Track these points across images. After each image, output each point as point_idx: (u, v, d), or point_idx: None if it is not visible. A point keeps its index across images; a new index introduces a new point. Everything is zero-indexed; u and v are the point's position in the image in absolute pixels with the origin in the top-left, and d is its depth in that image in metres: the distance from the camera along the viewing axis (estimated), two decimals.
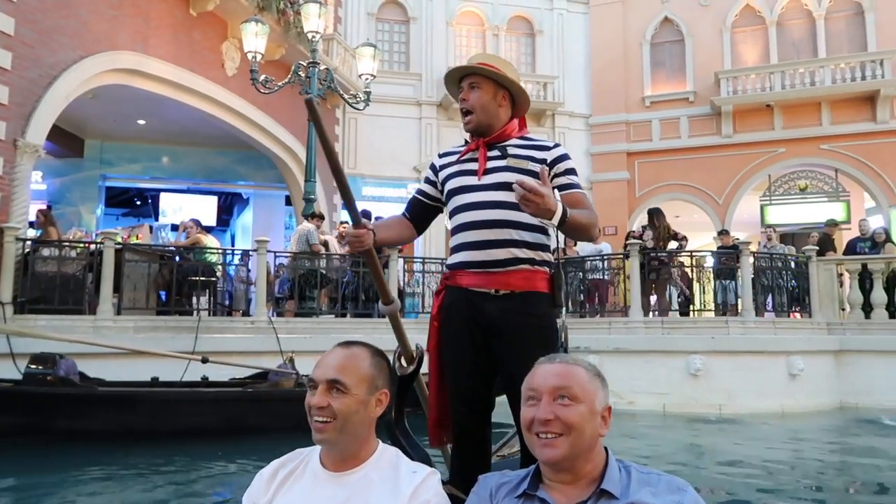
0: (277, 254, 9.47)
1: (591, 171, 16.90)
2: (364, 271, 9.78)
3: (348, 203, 2.04)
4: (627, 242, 9.78)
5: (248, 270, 9.64)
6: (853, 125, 15.15)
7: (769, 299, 9.77)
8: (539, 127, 16.72)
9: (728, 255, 9.46)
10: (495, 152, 2.23)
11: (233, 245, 16.89)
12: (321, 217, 9.98)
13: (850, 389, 9.08)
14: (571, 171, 2.23)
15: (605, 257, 9.94)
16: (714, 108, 15.95)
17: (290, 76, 10.08)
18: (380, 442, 1.64)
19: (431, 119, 16.28)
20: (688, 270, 9.77)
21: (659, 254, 9.52)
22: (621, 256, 9.72)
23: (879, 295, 9.27)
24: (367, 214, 10.55)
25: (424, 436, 2.34)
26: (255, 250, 9.16)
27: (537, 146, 2.24)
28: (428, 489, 1.51)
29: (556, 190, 2.12)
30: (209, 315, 8.88)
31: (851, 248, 10.74)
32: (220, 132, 12.76)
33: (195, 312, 8.66)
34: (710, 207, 16.04)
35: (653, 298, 9.75)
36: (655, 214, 9.98)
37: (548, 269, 2.22)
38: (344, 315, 9.69)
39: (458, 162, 2.31)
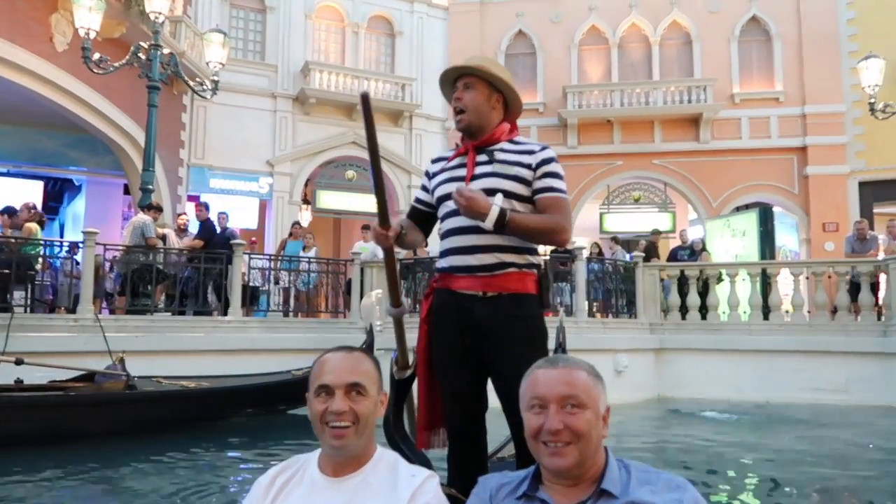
0: (108, 246, 8.81)
1: None
2: (206, 267, 9.38)
3: (380, 200, 2.03)
4: None
5: (77, 264, 8.91)
6: (680, 143, 16.67)
7: (612, 300, 10.46)
8: (396, 127, 16.87)
9: (562, 260, 10.02)
10: (483, 157, 2.24)
11: (62, 235, 15.50)
12: (159, 209, 9.43)
13: (667, 384, 9.97)
14: (553, 175, 2.21)
15: None
16: (561, 120, 16.88)
17: (128, 57, 9.42)
18: (378, 446, 1.62)
19: (287, 112, 15.88)
20: None
21: None
22: None
23: (694, 298, 10.26)
24: (203, 207, 10.10)
25: None
26: (83, 242, 8.48)
27: (526, 150, 2.24)
28: (427, 492, 1.50)
29: (536, 192, 2.19)
30: (25, 312, 8.09)
31: (673, 256, 11.82)
32: (48, 112, 11.64)
33: (9, 309, 7.86)
34: None
35: None
36: None
37: (535, 271, 2.23)
38: (182, 312, 9.21)
39: (448, 168, 2.32)
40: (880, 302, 9.78)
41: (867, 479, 5.19)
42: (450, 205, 2.22)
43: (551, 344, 2.55)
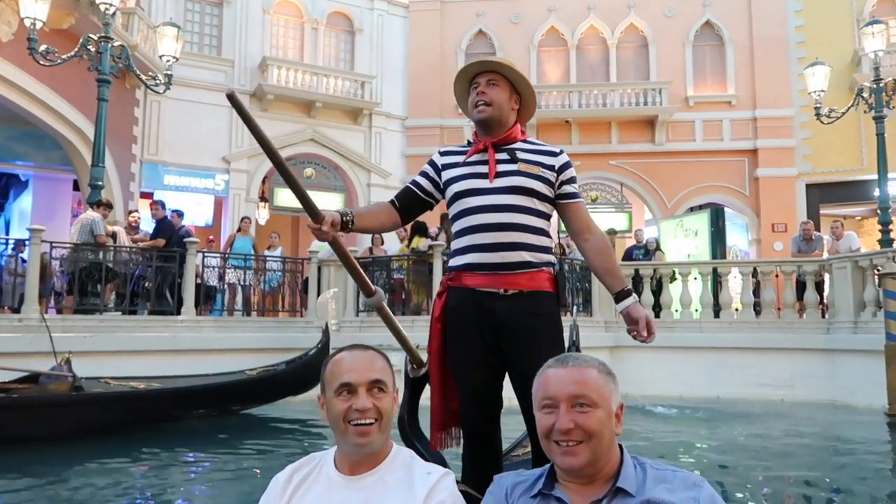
0: (55, 244, 8.55)
1: (406, 172, 17.25)
2: (159, 265, 9.19)
3: (299, 197, 1.97)
4: (433, 243, 10.11)
5: (24, 262, 8.64)
6: (636, 145, 16.97)
7: (570, 299, 10.59)
8: (356, 125, 16.77)
9: None
10: (504, 155, 2.23)
11: (7, 232, 15.01)
12: (109, 206, 9.19)
13: (622, 381, 9.96)
14: (574, 180, 2.28)
15: (409, 257, 10.20)
16: None
17: (77, 49, 9.16)
18: (394, 444, 1.62)
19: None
20: None
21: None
22: (405, 258, 10.10)
23: (648, 297, 10.46)
24: (160, 205, 9.89)
25: None
26: (28, 239, 8.22)
27: (544, 151, 2.27)
28: (442, 490, 1.50)
29: (564, 197, 2.25)
30: None
31: (628, 255, 12.03)
32: None
33: None
34: None
35: None
36: (444, 219, 10.44)
37: (551, 270, 2.25)
38: (133, 312, 9.01)
39: (464, 164, 2.28)
40: (825, 300, 10.13)
41: (805, 470, 5.37)
42: (469, 202, 2.21)
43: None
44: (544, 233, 2.25)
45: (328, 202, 16.73)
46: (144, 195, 14.26)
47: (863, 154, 15.29)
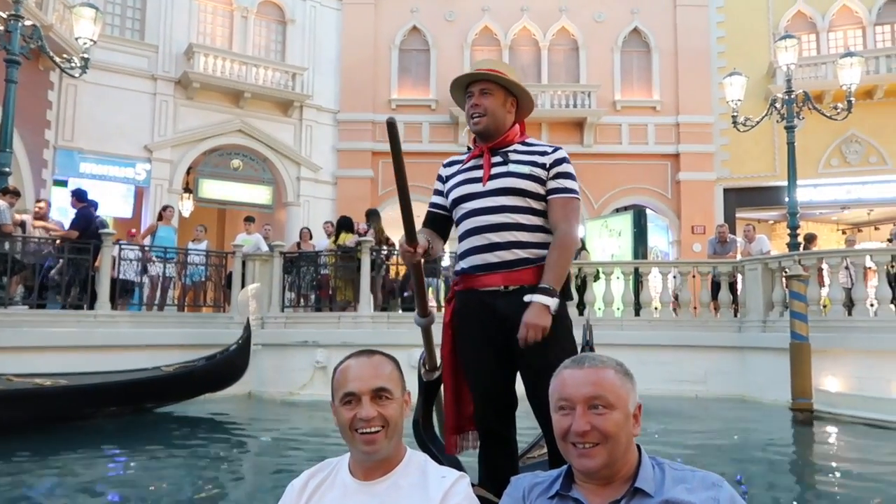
0: None
1: (336, 166, 17.07)
2: (74, 258, 8.78)
3: (406, 220, 2.00)
4: (361, 239, 10.04)
5: None
6: (566, 146, 16.55)
7: None
8: (286, 118, 16.45)
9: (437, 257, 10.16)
10: (498, 158, 2.29)
11: None
12: (16, 194, 8.70)
13: None
14: (566, 175, 2.27)
15: (336, 253, 10.09)
16: (453, 118, 17.08)
17: None
18: (407, 448, 1.62)
19: (168, 96, 15.07)
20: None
21: (380, 253, 9.94)
22: (332, 253, 10.02)
23: (572, 295, 10.68)
24: (80, 195, 9.44)
25: None
26: None
27: (539, 151, 2.30)
28: (457, 493, 1.49)
29: (549, 193, 2.26)
30: None
31: None
32: None
33: None
34: None
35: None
36: (371, 216, 10.40)
37: None
38: (43, 306, 8.57)
39: (462, 171, 2.34)
40: (738, 300, 10.60)
41: (717, 461, 5.61)
42: (466, 206, 2.29)
43: (578, 340, 2.58)
44: (543, 230, 2.26)
45: (256, 195, 16.37)
46: (58, 183, 13.57)
47: (776, 161, 16.09)
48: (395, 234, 12.00)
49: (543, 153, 2.29)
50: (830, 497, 4.71)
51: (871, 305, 8.99)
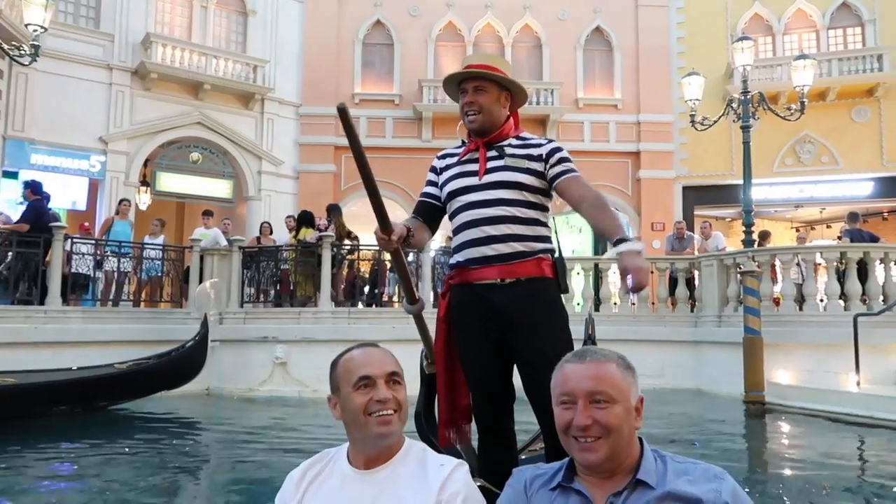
0: None
1: (298, 160, 16.88)
2: (24, 251, 8.52)
3: (377, 208, 1.98)
4: (321, 234, 9.96)
5: None
6: None
7: None
8: (247, 111, 16.20)
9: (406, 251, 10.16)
10: (494, 152, 2.30)
11: None
12: None
13: None
14: (566, 160, 2.29)
15: (296, 248, 9.99)
16: (416, 113, 17.04)
17: None
18: (405, 438, 1.62)
19: (124, 87, 14.69)
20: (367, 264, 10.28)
21: (341, 249, 9.87)
22: (293, 248, 9.94)
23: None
24: (35, 187, 9.16)
25: None
26: None
27: (532, 144, 2.32)
28: (456, 480, 1.51)
29: (555, 178, 2.26)
30: None
31: None
32: None
33: None
34: (408, 205, 17.07)
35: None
36: (332, 211, 10.33)
37: (550, 256, 2.26)
38: None
39: (458, 164, 2.35)
40: (694, 296, 10.81)
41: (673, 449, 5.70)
42: (462, 200, 2.29)
43: (580, 335, 2.57)
44: (538, 223, 2.28)
45: (216, 189, 16.11)
46: (8, 175, 13.14)
47: (733, 160, 16.42)
48: (357, 229, 11.97)
49: (538, 145, 2.33)
50: (780, 484, 4.83)
51: (821, 301, 9.26)
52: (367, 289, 10.59)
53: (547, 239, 2.31)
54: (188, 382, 8.32)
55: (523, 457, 2.66)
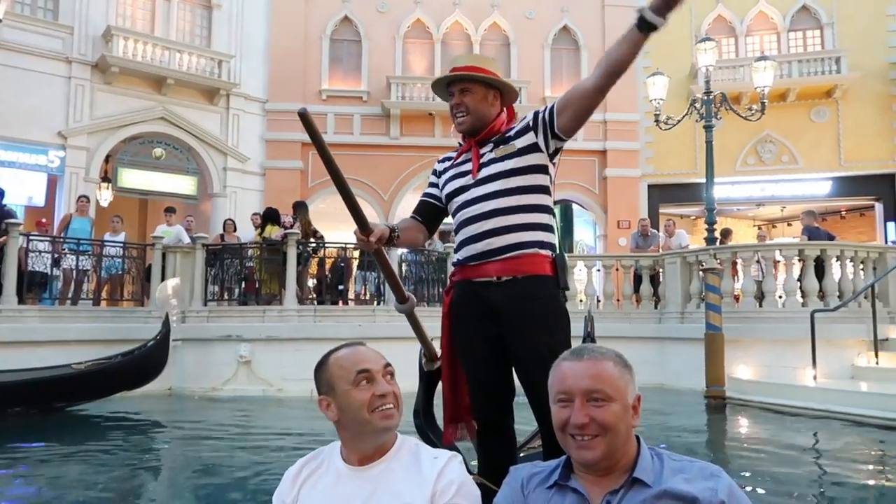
0: None
1: (265, 157, 16.69)
2: None
3: (351, 208, 1.98)
4: (287, 232, 9.86)
5: None
6: None
7: (425, 289, 10.68)
8: (212, 106, 15.96)
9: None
10: (486, 148, 2.30)
11: None
12: None
13: None
14: (550, 105, 2.23)
15: (261, 245, 9.89)
16: (384, 110, 16.96)
17: None
18: (398, 434, 1.63)
19: (84, 80, 14.35)
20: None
21: (307, 246, 9.79)
22: (257, 246, 9.84)
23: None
24: None
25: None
26: None
27: (521, 126, 2.28)
28: (451, 471, 1.52)
29: (552, 113, 2.20)
30: None
31: None
32: None
33: None
34: (377, 203, 17.04)
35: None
36: (298, 208, 10.25)
37: (549, 252, 2.22)
38: None
39: (453, 166, 2.37)
40: (658, 292, 10.96)
41: None
42: (458, 200, 2.30)
43: (580, 332, 2.57)
44: (538, 208, 2.24)
45: (180, 185, 15.85)
46: None
47: (696, 159, 16.67)
48: (325, 226, 11.88)
49: (523, 120, 2.31)
50: (738, 475, 4.92)
51: (780, 297, 9.47)
52: (332, 287, 10.50)
53: (549, 228, 2.27)
54: (149, 382, 8.18)
55: (521, 454, 2.67)
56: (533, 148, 2.24)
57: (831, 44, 17.16)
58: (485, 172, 2.27)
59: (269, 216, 10.12)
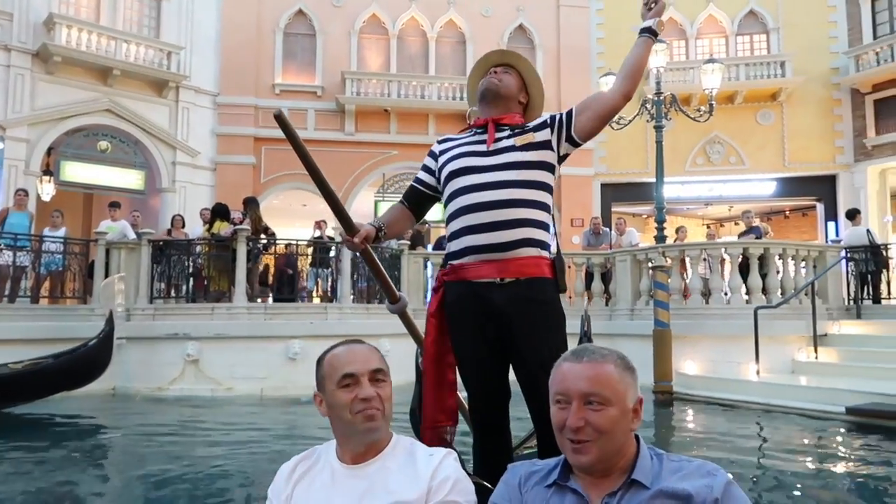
0: None
1: (216, 152, 16.35)
2: None
3: (336, 211, 1.98)
4: (237, 228, 9.67)
5: None
6: None
7: (377, 287, 10.62)
8: (160, 98, 15.55)
9: (324, 246, 9.99)
10: (503, 133, 2.23)
11: None
12: None
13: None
14: (565, 112, 2.28)
15: (210, 242, 9.68)
16: (339, 106, 16.80)
17: None
18: (393, 433, 1.63)
19: (24, 69, 13.80)
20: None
21: (258, 243, 9.64)
22: (206, 242, 9.66)
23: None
24: None
25: None
26: None
27: (538, 123, 2.27)
28: (446, 468, 1.52)
29: (570, 116, 2.25)
30: None
31: (439, 245, 12.35)
32: None
33: None
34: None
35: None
36: (249, 204, 10.08)
37: (548, 255, 2.19)
38: None
39: (461, 144, 2.27)
40: (609, 289, 11.12)
41: None
42: (463, 181, 2.18)
43: (576, 329, 2.53)
44: (545, 208, 2.21)
45: (127, 179, 15.40)
46: None
47: (648, 159, 16.98)
48: (277, 222, 11.69)
49: (539, 118, 2.31)
50: None
51: (725, 294, 9.71)
52: (284, 284, 10.35)
53: (550, 228, 2.25)
54: (92, 382, 7.93)
55: (518, 454, 2.67)
56: (547, 145, 2.24)
57: (777, 48, 17.69)
58: (501, 158, 2.19)
59: (218, 212, 9.91)
